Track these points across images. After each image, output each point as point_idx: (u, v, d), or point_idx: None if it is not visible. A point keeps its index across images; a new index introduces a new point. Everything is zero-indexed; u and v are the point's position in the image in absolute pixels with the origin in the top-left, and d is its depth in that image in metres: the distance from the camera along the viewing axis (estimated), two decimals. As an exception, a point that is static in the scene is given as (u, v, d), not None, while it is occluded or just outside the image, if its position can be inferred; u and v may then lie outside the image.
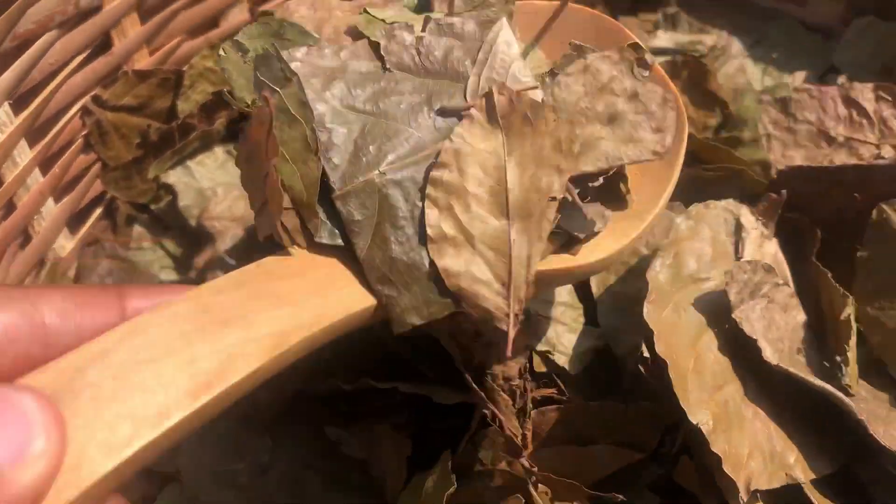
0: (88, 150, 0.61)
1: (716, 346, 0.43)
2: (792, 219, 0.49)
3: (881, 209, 0.45)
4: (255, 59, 0.38)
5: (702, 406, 0.40)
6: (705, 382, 0.41)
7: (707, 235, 0.46)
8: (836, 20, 0.73)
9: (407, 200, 0.36)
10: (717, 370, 0.42)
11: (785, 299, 0.46)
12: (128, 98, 0.61)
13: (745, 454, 0.40)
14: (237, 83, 0.38)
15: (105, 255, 0.62)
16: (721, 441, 0.39)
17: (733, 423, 0.41)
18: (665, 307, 0.43)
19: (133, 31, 0.60)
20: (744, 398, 0.42)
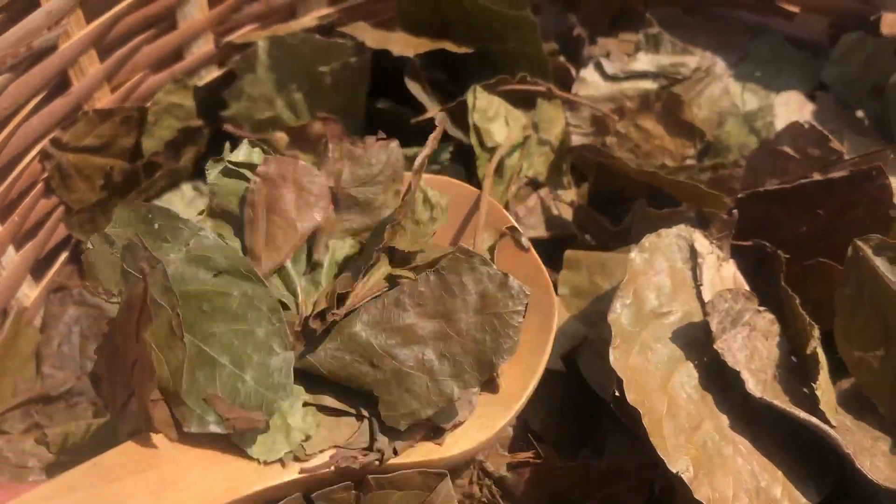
0: (50, 194, 0.59)
1: (689, 384, 0.42)
2: (755, 246, 0.48)
3: (856, 246, 0.44)
4: (121, 250, 0.39)
5: (680, 452, 0.39)
6: (681, 425, 0.40)
7: (664, 266, 0.44)
8: (823, 36, 0.71)
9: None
10: (691, 409, 0.41)
11: (766, 326, 0.44)
12: (90, 138, 0.59)
13: (731, 496, 0.39)
14: (104, 275, 0.39)
15: (72, 302, 0.60)
16: (704, 486, 0.38)
17: (715, 465, 0.39)
18: (631, 350, 0.41)
19: (92, 69, 0.58)
20: (723, 434, 0.41)
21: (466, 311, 0.38)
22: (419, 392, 0.37)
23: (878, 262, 0.43)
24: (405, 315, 0.39)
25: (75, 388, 0.55)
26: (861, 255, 0.43)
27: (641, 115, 0.60)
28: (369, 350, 0.38)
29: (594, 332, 0.47)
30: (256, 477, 0.36)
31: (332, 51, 0.61)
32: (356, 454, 0.37)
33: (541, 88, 0.58)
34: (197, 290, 0.38)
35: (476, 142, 0.54)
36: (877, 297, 0.43)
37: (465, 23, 0.63)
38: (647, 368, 0.41)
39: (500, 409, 0.40)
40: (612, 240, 0.55)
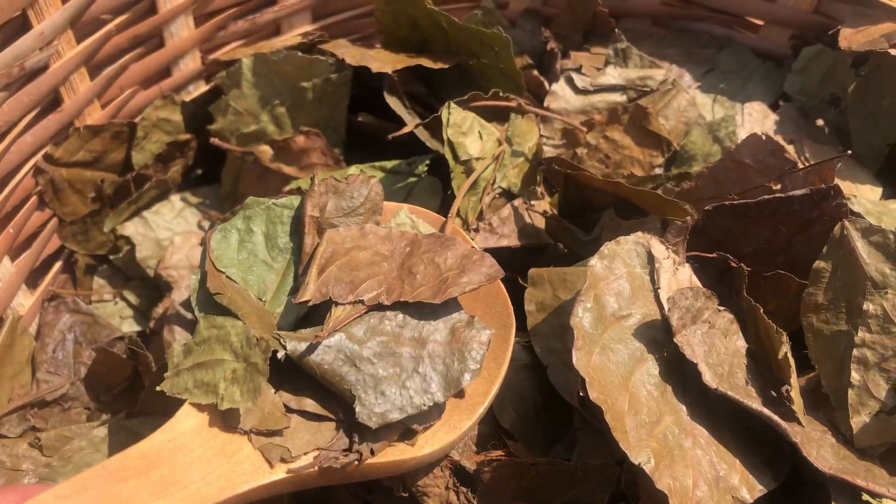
0: (43, 207, 0.61)
1: (649, 381, 0.44)
2: (719, 258, 0.50)
3: (844, 226, 0.47)
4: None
5: (642, 445, 0.41)
6: (642, 420, 0.42)
7: (623, 272, 0.47)
8: (786, 48, 0.74)
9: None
10: (652, 405, 0.43)
11: (725, 325, 0.47)
12: (81, 153, 0.62)
13: (691, 485, 0.41)
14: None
15: (67, 310, 0.62)
16: (665, 477, 0.40)
17: (675, 456, 0.41)
18: (593, 352, 0.43)
19: (83, 87, 0.60)
20: (682, 427, 0.43)
21: (437, 340, 0.44)
22: (392, 397, 0.41)
23: (859, 244, 0.46)
24: (388, 332, 0.43)
25: (69, 392, 0.57)
26: (845, 235, 0.47)
27: (610, 126, 0.62)
28: (353, 354, 0.42)
29: (560, 343, 0.49)
30: (248, 476, 0.39)
31: (313, 67, 0.63)
32: (337, 455, 0.41)
33: (511, 104, 0.61)
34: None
35: (450, 155, 0.56)
36: (849, 276, 0.46)
37: (442, 40, 0.65)
38: (609, 368, 0.43)
39: (466, 413, 0.44)
40: (584, 248, 0.57)
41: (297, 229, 0.49)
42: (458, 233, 0.50)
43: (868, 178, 0.62)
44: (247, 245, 0.49)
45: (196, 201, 0.68)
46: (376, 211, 0.49)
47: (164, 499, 0.36)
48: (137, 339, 0.57)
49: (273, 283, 0.47)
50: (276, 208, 0.49)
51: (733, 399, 0.43)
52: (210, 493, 0.38)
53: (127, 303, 0.64)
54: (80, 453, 0.51)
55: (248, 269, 0.48)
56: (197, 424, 0.40)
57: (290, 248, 0.48)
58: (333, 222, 0.48)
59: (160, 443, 0.39)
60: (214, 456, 0.39)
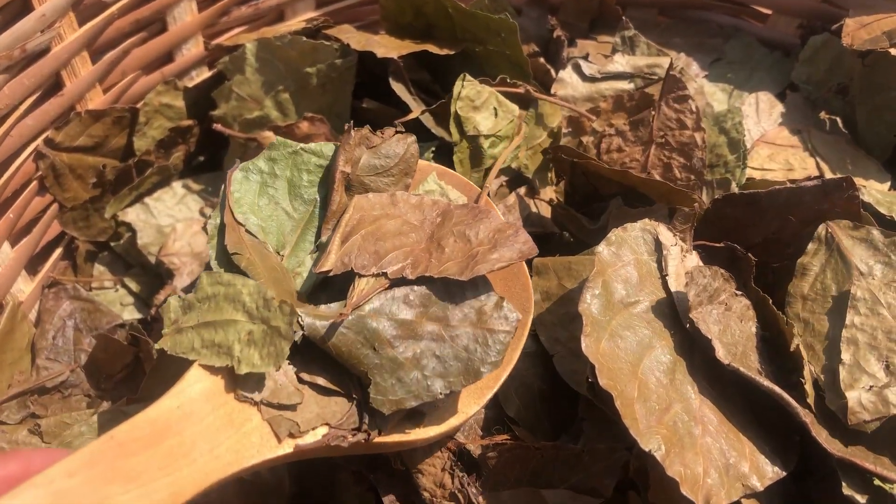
0: (44, 192, 0.61)
1: (658, 369, 0.44)
2: (727, 248, 0.50)
3: (829, 226, 0.48)
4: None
5: (652, 432, 0.40)
6: (652, 407, 0.42)
7: (630, 258, 0.46)
8: (794, 37, 0.73)
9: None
10: (661, 393, 0.43)
11: (742, 310, 0.47)
12: (82, 138, 0.61)
13: (701, 472, 0.41)
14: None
15: (67, 297, 0.62)
16: (676, 464, 0.40)
17: (685, 444, 0.41)
18: (602, 338, 0.43)
19: (85, 71, 0.60)
20: (692, 415, 0.43)
21: (463, 320, 0.41)
22: (409, 384, 0.40)
23: (845, 241, 0.47)
24: (410, 312, 0.41)
25: (70, 379, 0.56)
26: (831, 234, 0.48)
27: (615, 114, 0.62)
28: (373, 335, 0.41)
29: (566, 332, 0.49)
30: (256, 450, 0.38)
31: (318, 52, 0.63)
32: (346, 433, 0.40)
33: (519, 90, 0.60)
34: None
35: (455, 129, 0.55)
36: (836, 269, 0.47)
37: (448, 26, 0.65)
38: (618, 354, 0.43)
39: (474, 398, 0.44)
40: (590, 237, 0.56)
41: (326, 181, 0.46)
42: (490, 205, 0.49)
43: (876, 168, 0.62)
44: (269, 190, 0.46)
45: (198, 188, 0.67)
46: (408, 173, 0.47)
47: (173, 474, 0.35)
48: (138, 326, 0.57)
49: (293, 235, 0.45)
50: (303, 154, 0.46)
51: (745, 376, 0.42)
52: (217, 467, 0.37)
53: (128, 290, 0.64)
54: (80, 439, 0.51)
55: (268, 216, 0.45)
56: (206, 389, 0.39)
57: (315, 201, 0.46)
58: (364, 180, 0.46)
59: (168, 409, 0.37)
60: (223, 426, 0.38)
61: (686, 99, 0.58)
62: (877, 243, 0.47)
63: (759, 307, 0.47)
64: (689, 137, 0.56)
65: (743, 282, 0.49)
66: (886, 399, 0.43)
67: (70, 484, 0.32)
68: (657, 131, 0.58)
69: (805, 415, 0.41)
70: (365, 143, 0.46)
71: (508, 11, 0.67)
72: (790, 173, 0.61)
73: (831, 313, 0.46)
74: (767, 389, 0.42)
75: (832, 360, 0.45)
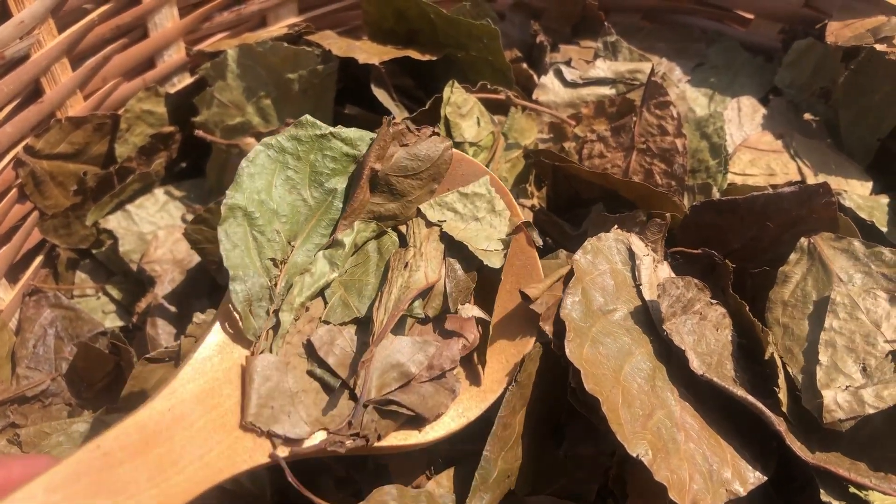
0: (24, 200, 0.60)
1: (639, 375, 0.44)
2: (704, 254, 0.50)
3: (812, 239, 0.48)
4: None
5: (637, 437, 0.40)
6: (636, 413, 0.42)
7: (605, 268, 0.46)
8: (776, 41, 0.73)
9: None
10: (643, 399, 0.43)
11: (717, 318, 0.47)
12: (63, 145, 0.61)
13: (687, 477, 0.41)
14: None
15: (48, 305, 0.61)
16: (663, 469, 0.40)
17: (669, 449, 0.41)
18: (584, 344, 0.43)
19: (65, 77, 0.59)
20: (674, 421, 0.43)
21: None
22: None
23: (826, 251, 0.48)
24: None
25: (50, 388, 0.56)
26: (812, 245, 0.48)
27: (597, 120, 0.62)
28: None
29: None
30: (248, 456, 0.37)
31: (299, 58, 0.62)
32: (343, 439, 0.39)
33: (500, 97, 0.60)
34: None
35: (445, 134, 0.55)
36: (817, 278, 0.47)
37: (431, 31, 0.65)
38: (600, 361, 0.43)
39: (476, 401, 0.43)
40: (572, 243, 0.56)
41: (350, 172, 0.44)
42: (530, 241, 0.47)
43: (858, 172, 0.62)
44: (288, 171, 0.43)
45: (180, 195, 0.67)
46: (437, 178, 0.45)
47: (161, 485, 0.34)
48: (120, 334, 0.57)
49: (306, 225, 0.43)
50: (332, 139, 0.43)
51: (718, 386, 0.42)
52: (208, 475, 0.36)
53: (109, 297, 0.64)
54: (59, 449, 0.50)
55: (284, 201, 0.42)
56: (200, 389, 0.38)
57: (334, 191, 0.44)
58: (391, 180, 0.44)
59: (159, 412, 0.36)
60: (215, 430, 0.37)
61: (667, 105, 0.58)
62: (858, 254, 0.47)
63: (736, 314, 0.47)
64: (671, 144, 0.56)
65: (721, 288, 0.49)
66: (862, 399, 0.43)
67: (53, 500, 0.31)
68: (639, 137, 0.58)
69: (779, 423, 0.41)
70: (399, 140, 0.44)
71: (491, 17, 0.68)
72: (772, 178, 0.61)
73: (811, 318, 0.47)
74: (741, 399, 0.42)
75: (810, 362, 0.45)
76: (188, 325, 0.52)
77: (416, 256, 0.43)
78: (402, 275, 0.43)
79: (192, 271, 0.61)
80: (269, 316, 0.41)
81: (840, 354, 0.45)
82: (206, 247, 0.57)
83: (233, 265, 0.40)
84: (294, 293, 0.42)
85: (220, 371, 0.39)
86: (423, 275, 0.43)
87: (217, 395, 0.38)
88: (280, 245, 0.42)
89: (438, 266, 0.44)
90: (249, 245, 0.41)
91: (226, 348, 0.40)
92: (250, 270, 0.41)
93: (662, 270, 0.48)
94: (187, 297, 0.59)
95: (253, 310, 0.40)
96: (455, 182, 0.46)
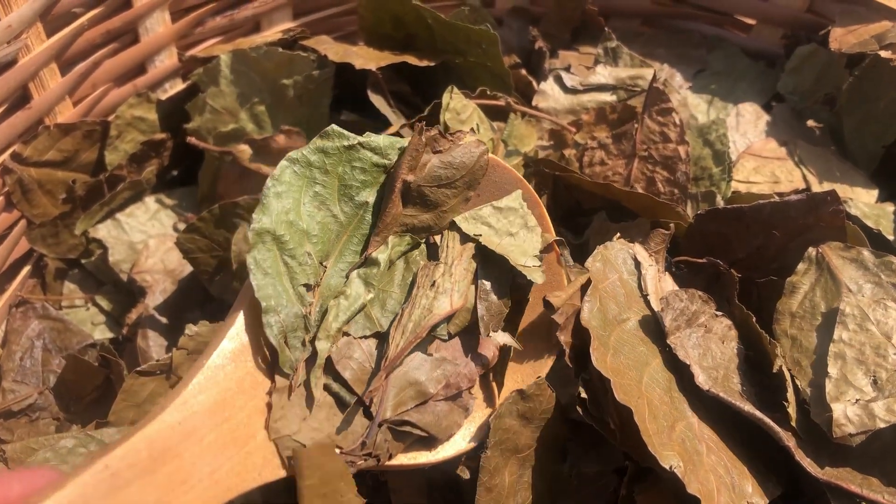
0: (11, 208, 0.59)
1: (658, 386, 0.43)
2: (709, 263, 0.49)
3: (821, 248, 0.47)
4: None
5: (667, 448, 0.39)
6: (661, 424, 0.41)
7: (615, 276, 0.46)
8: (778, 47, 0.72)
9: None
10: (665, 410, 0.42)
11: (723, 331, 0.46)
12: (52, 153, 0.59)
13: (714, 490, 0.40)
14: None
15: (36, 316, 0.60)
16: (694, 481, 0.39)
17: (695, 461, 0.40)
18: (608, 353, 0.42)
19: (54, 83, 0.58)
20: (694, 433, 0.42)
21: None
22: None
23: (835, 261, 0.47)
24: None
25: (38, 402, 0.55)
26: (820, 255, 0.47)
27: (598, 127, 0.61)
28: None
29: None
30: (257, 472, 0.36)
31: (294, 64, 0.61)
32: (356, 459, 0.38)
33: (499, 103, 0.59)
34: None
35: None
36: (826, 288, 0.46)
37: (428, 36, 0.64)
38: (622, 371, 0.42)
39: (489, 422, 0.42)
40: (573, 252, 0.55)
41: (381, 183, 0.41)
42: (545, 218, 0.45)
43: (863, 180, 0.61)
44: (316, 187, 0.40)
45: (171, 203, 0.65)
46: (472, 186, 0.42)
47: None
48: (110, 346, 0.55)
49: (338, 243, 0.41)
50: (360, 150, 0.40)
51: (725, 401, 0.42)
52: (217, 493, 0.34)
53: (99, 308, 0.62)
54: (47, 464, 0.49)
55: (314, 219, 0.40)
56: (212, 401, 0.36)
57: (365, 204, 0.41)
58: (424, 191, 0.41)
59: (169, 426, 0.34)
60: (225, 445, 0.35)
61: (669, 112, 0.57)
62: (867, 264, 0.46)
63: (743, 325, 0.46)
64: (673, 151, 0.55)
65: (726, 298, 0.48)
66: (872, 412, 0.42)
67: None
68: (640, 144, 0.57)
69: (788, 438, 0.40)
70: (432, 147, 0.41)
71: (489, 22, 0.67)
72: (776, 186, 0.60)
73: (819, 329, 0.46)
74: (748, 415, 0.41)
75: (819, 374, 0.44)
76: (180, 338, 0.51)
77: (444, 275, 0.41)
78: (427, 295, 0.41)
79: (184, 281, 0.60)
80: (304, 347, 0.39)
81: (850, 367, 0.43)
82: (198, 256, 0.56)
83: (265, 296, 0.37)
84: (329, 319, 0.39)
85: (233, 381, 0.37)
86: (448, 300, 0.41)
87: (229, 406, 0.36)
88: (312, 268, 0.40)
89: (466, 289, 0.42)
90: (280, 271, 0.38)
91: (240, 356, 0.38)
92: (283, 300, 0.38)
93: (666, 282, 0.47)
94: (179, 309, 0.58)
95: (289, 341, 0.38)
96: (486, 188, 0.44)
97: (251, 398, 0.37)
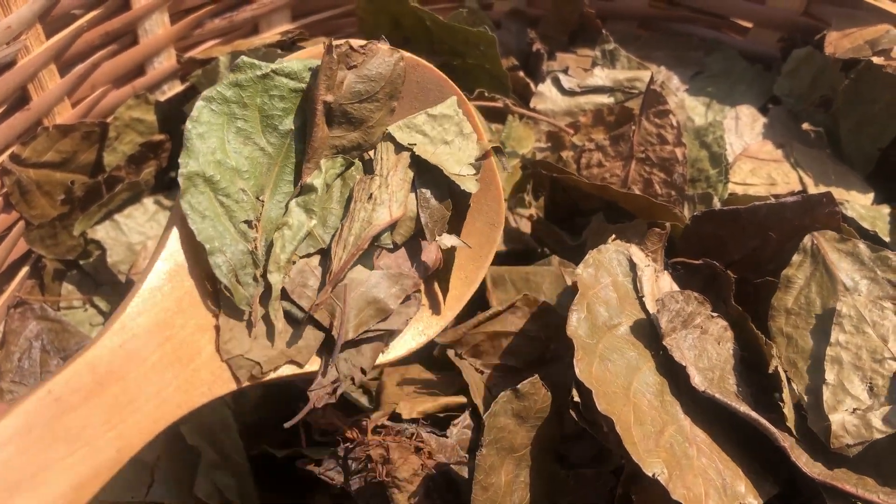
0: (10, 209, 0.59)
1: (648, 391, 0.43)
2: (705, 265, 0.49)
3: (815, 238, 0.47)
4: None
5: (651, 455, 0.39)
6: (648, 430, 0.41)
7: (608, 280, 0.46)
8: (775, 50, 0.73)
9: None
10: (654, 415, 0.42)
11: (719, 332, 0.46)
12: (50, 154, 0.59)
13: (702, 494, 0.40)
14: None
15: (34, 317, 0.60)
16: (679, 487, 0.39)
17: (683, 466, 0.40)
18: (593, 362, 0.42)
19: (52, 84, 0.58)
20: (685, 436, 0.42)
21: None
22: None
23: (830, 254, 0.47)
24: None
25: (35, 403, 0.55)
26: (816, 246, 0.47)
27: (595, 129, 0.61)
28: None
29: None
30: (206, 388, 0.36)
31: (293, 66, 0.61)
32: (328, 391, 0.38)
33: (497, 104, 0.59)
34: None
35: None
36: (821, 283, 0.46)
37: (426, 38, 0.64)
38: (609, 378, 0.42)
39: (436, 319, 0.43)
40: (571, 254, 0.56)
41: (305, 109, 0.40)
42: (496, 166, 0.45)
43: (859, 182, 0.61)
44: (237, 122, 0.39)
45: (170, 204, 0.65)
46: (394, 95, 0.42)
47: (118, 426, 0.32)
48: (107, 347, 0.55)
49: (270, 175, 0.40)
50: (275, 77, 0.39)
51: (721, 402, 0.42)
52: (166, 411, 0.34)
53: (97, 309, 0.62)
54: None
55: (241, 155, 0.39)
56: (151, 322, 0.35)
57: (290, 132, 0.40)
58: (347, 109, 0.40)
59: (110, 350, 0.34)
60: (170, 364, 0.35)
61: (667, 114, 0.57)
62: (863, 257, 0.46)
63: (739, 326, 0.46)
64: (670, 153, 0.56)
65: (723, 299, 0.48)
66: (869, 423, 0.42)
67: (5, 455, 0.29)
68: (637, 146, 0.57)
69: (784, 439, 0.41)
70: (346, 63, 0.40)
71: (487, 24, 0.67)
72: (773, 188, 0.60)
73: (815, 329, 0.46)
74: (744, 416, 0.41)
75: (815, 379, 0.44)
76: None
77: (381, 187, 0.41)
78: (366, 208, 0.40)
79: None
80: (257, 282, 0.39)
81: (846, 372, 0.43)
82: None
83: (207, 238, 0.37)
84: (277, 251, 0.39)
85: (172, 300, 0.36)
86: (387, 210, 0.41)
87: (170, 326, 0.36)
88: (250, 203, 0.39)
89: (404, 198, 0.41)
90: (218, 212, 0.38)
91: (176, 276, 0.37)
92: (226, 239, 0.38)
93: (664, 281, 0.47)
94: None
95: (240, 279, 0.38)
96: (412, 90, 0.43)
97: (192, 317, 0.37)
